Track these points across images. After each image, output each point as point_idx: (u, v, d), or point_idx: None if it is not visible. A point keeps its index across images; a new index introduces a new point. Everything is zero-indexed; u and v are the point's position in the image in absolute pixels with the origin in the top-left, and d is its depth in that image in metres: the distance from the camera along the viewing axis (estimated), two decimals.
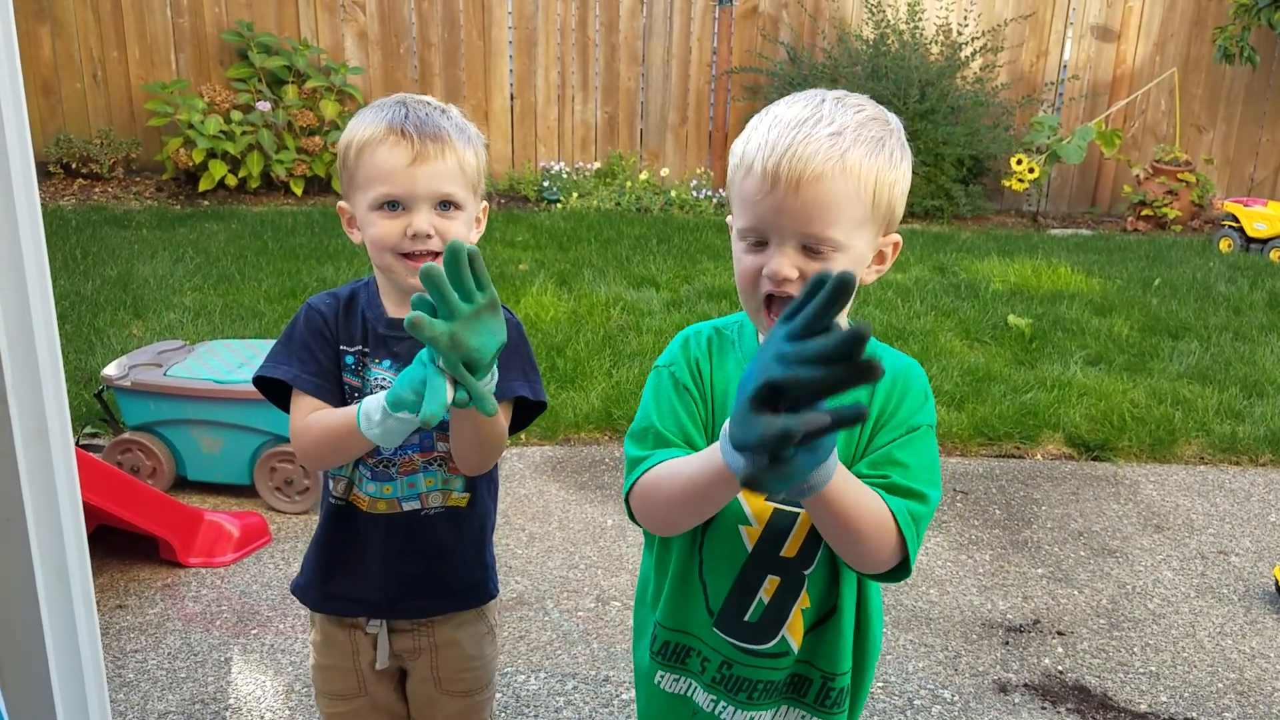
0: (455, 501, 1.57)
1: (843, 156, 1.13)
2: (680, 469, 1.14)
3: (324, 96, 7.02)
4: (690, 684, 1.37)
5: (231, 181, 6.85)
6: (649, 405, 1.27)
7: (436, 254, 1.44)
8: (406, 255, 1.45)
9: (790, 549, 1.27)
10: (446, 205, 1.46)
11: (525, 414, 1.53)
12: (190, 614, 2.77)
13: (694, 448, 1.20)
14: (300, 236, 6.08)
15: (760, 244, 1.18)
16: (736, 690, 1.33)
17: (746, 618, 1.29)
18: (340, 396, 1.51)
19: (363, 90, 7.33)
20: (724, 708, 1.34)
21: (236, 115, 6.76)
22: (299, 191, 7.01)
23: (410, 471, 1.53)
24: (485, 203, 1.57)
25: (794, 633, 1.28)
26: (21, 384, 0.87)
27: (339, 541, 1.60)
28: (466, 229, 1.49)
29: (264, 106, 6.83)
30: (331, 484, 1.59)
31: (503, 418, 1.47)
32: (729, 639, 1.31)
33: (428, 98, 1.53)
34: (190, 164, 6.74)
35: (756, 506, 1.26)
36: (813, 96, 1.20)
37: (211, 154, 6.73)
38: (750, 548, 1.27)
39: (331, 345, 1.53)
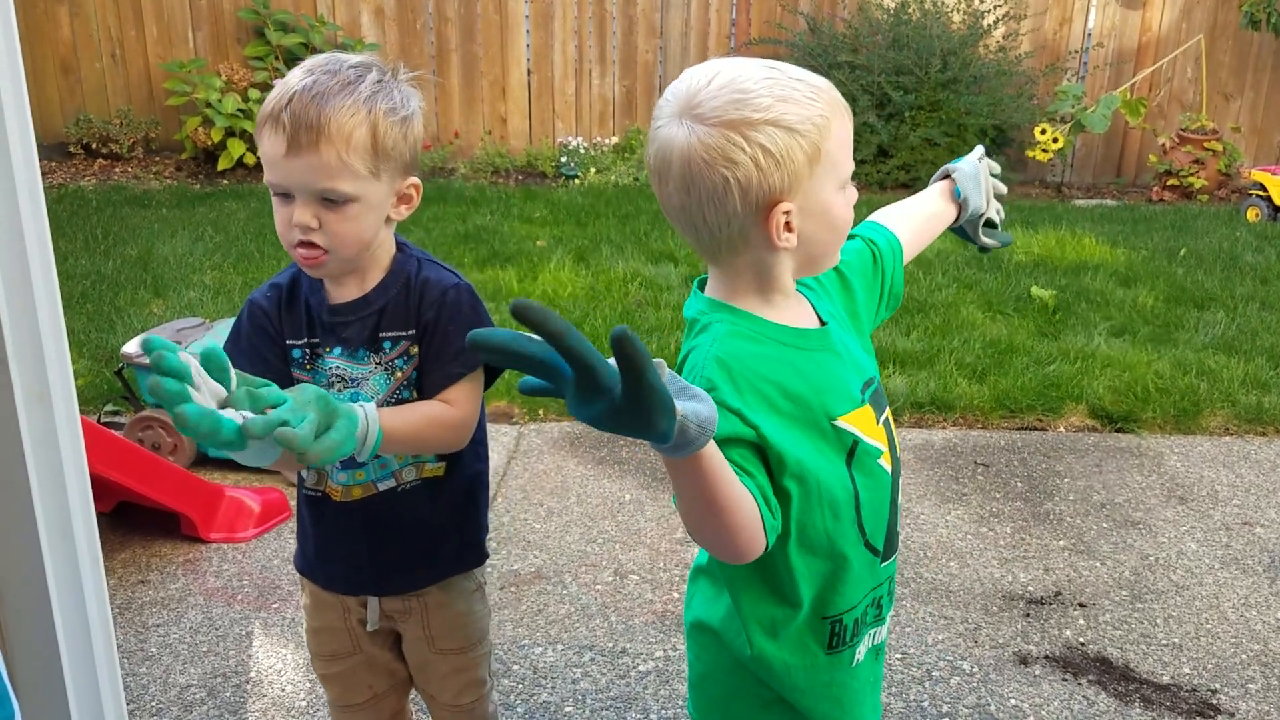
0: (430, 472, 1.55)
1: None
2: (676, 491, 1.10)
3: None
4: (871, 632, 1.34)
5: (250, 160, 6.86)
6: None
7: (322, 250, 1.38)
8: (299, 245, 1.39)
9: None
10: (328, 200, 1.37)
11: (490, 375, 1.52)
12: (211, 589, 2.79)
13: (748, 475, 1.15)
14: None
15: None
16: (880, 607, 1.33)
17: (896, 530, 1.33)
18: None
19: None
20: (873, 632, 1.34)
21: (254, 94, 6.77)
22: None
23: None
24: (414, 178, 1.46)
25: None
26: (22, 348, 0.86)
27: (320, 528, 1.59)
28: (368, 217, 1.40)
29: None
30: (304, 474, 1.57)
31: (467, 399, 1.45)
32: (887, 561, 1.32)
33: (355, 58, 1.42)
34: (209, 143, 6.75)
35: (875, 434, 1.26)
36: None
37: (230, 133, 6.74)
38: (890, 471, 1.28)
39: (278, 343, 1.49)
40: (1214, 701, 2.36)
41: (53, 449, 0.91)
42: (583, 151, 7.37)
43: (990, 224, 1.64)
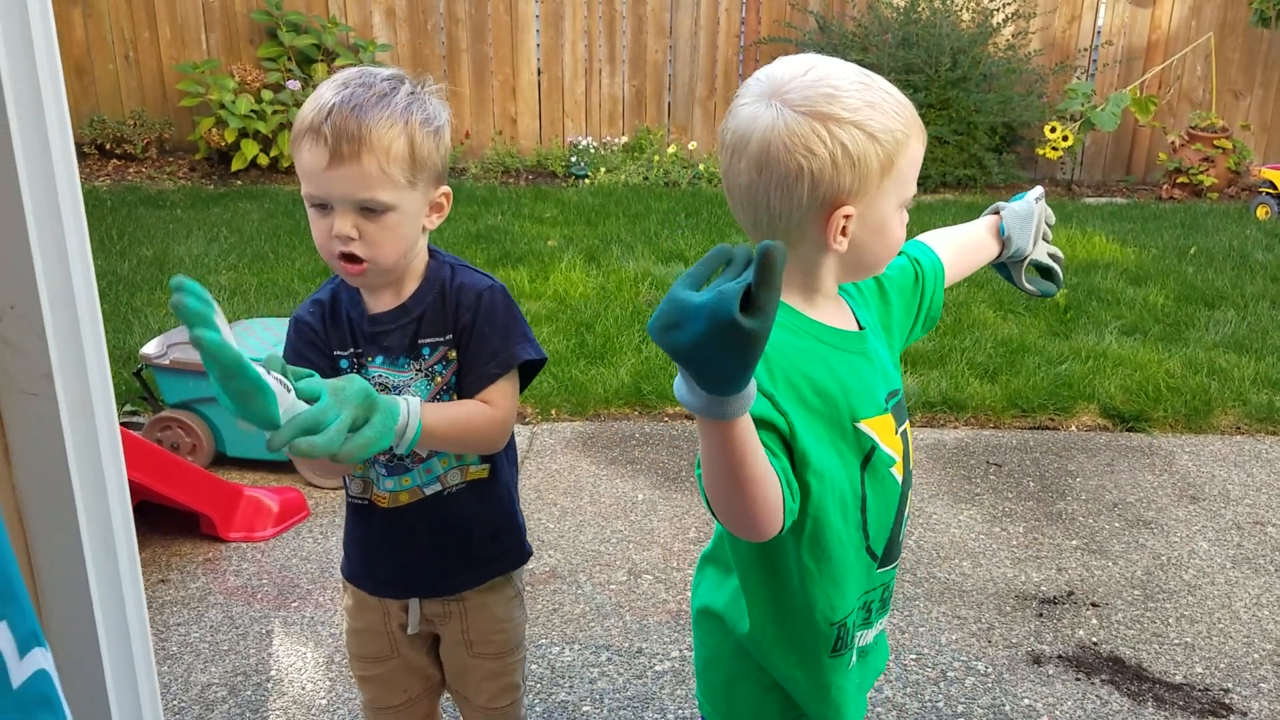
0: (475, 475, 1.58)
1: None
2: (703, 459, 1.10)
3: None
4: (861, 634, 1.36)
5: (264, 161, 6.90)
6: None
7: (360, 260, 1.41)
8: (340, 257, 1.42)
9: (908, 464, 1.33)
10: (368, 210, 1.40)
11: (527, 371, 1.55)
12: (231, 588, 2.82)
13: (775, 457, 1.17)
14: None
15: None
16: (870, 611, 1.35)
17: (899, 540, 1.35)
18: None
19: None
20: (860, 635, 1.35)
21: (267, 94, 6.80)
22: None
23: (425, 458, 1.54)
24: (445, 187, 1.50)
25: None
26: (66, 361, 0.89)
27: (368, 536, 1.62)
28: (406, 226, 1.43)
29: (294, 85, 6.86)
30: (349, 482, 1.60)
31: (505, 398, 1.48)
32: (884, 568, 1.33)
33: (386, 72, 1.45)
34: (223, 144, 6.79)
35: (894, 444, 1.28)
36: None
37: (243, 133, 6.77)
38: (900, 481, 1.30)
39: (326, 354, 1.52)
40: (1226, 701, 2.38)
41: (94, 459, 0.94)
42: (592, 151, 7.39)
43: (1042, 269, 1.63)
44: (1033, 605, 2.75)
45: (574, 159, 7.36)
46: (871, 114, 1.13)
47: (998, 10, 7.27)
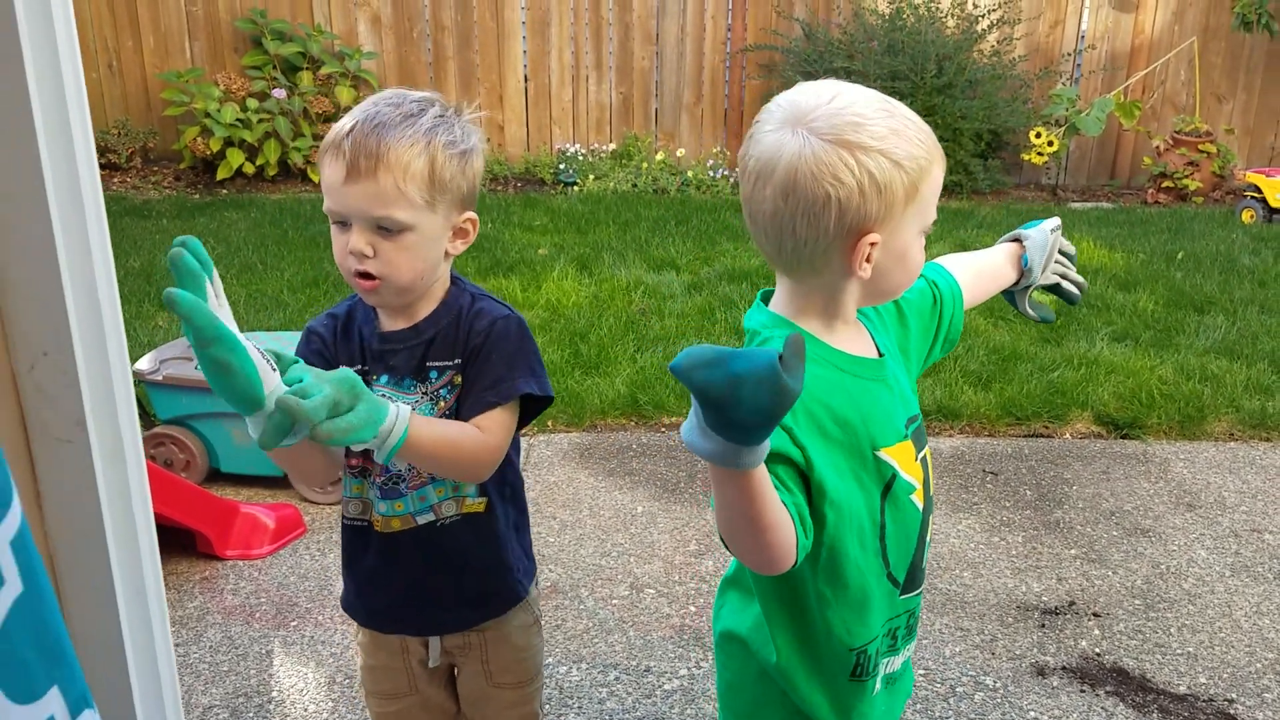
0: (471, 508, 1.54)
1: None
2: (717, 504, 1.11)
3: (339, 82, 7.01)
4: (887, 661, 1.36)
5: (249, 169, 6.85)
6: None
7: (376, 279, 1.40)
8: (356, 273, 1.42)
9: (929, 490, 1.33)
10: (384, 228, 1.39)
11: (530, 409, 1.51)
12: (229, 607, 2.80)
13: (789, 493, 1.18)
14: (320, 224, 6.09)
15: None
16: (895, 638, 1.35)
17: (921, 566, 1.35)
18: None
19: (377, 75, 7.31)
20: (886, 662, 1.35)
21: (252, 103, 6.76)
22: (316, 179, 7.01)
23: (419, 485, 1.51)
24: (470, 213, 1.48)
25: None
26: (100, 407, 0.87)
27: (362, 561, 1.59)
28: (424, 248, 1.42)
29: (280, 94, 6.82)
30: (344, 505, 1.58)
31: (498, 428, 1.44)
32: (907, 595, 1.33)
33: (420, 95, 1.45)
34: (208, 153, 6.74)
35: (914, 471, 1.28)
36: None
37: (229, 142, 6.73)
38: (920, 508, 1.30)
39: (330, 367, 1.48)
40: (1231, 711, 2.39)
41: (126, 505, 0.92)
42: (581, 158, 7.38)
43: (1049, 288, 1.64)
44: (1034, 616, 2.75)
45: (562, 166, 7.35)
46: (896, 141, 1.13)
47: (982, 17, 7.30)
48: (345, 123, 1.41)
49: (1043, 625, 2.71)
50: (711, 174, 7.31)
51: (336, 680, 2.50)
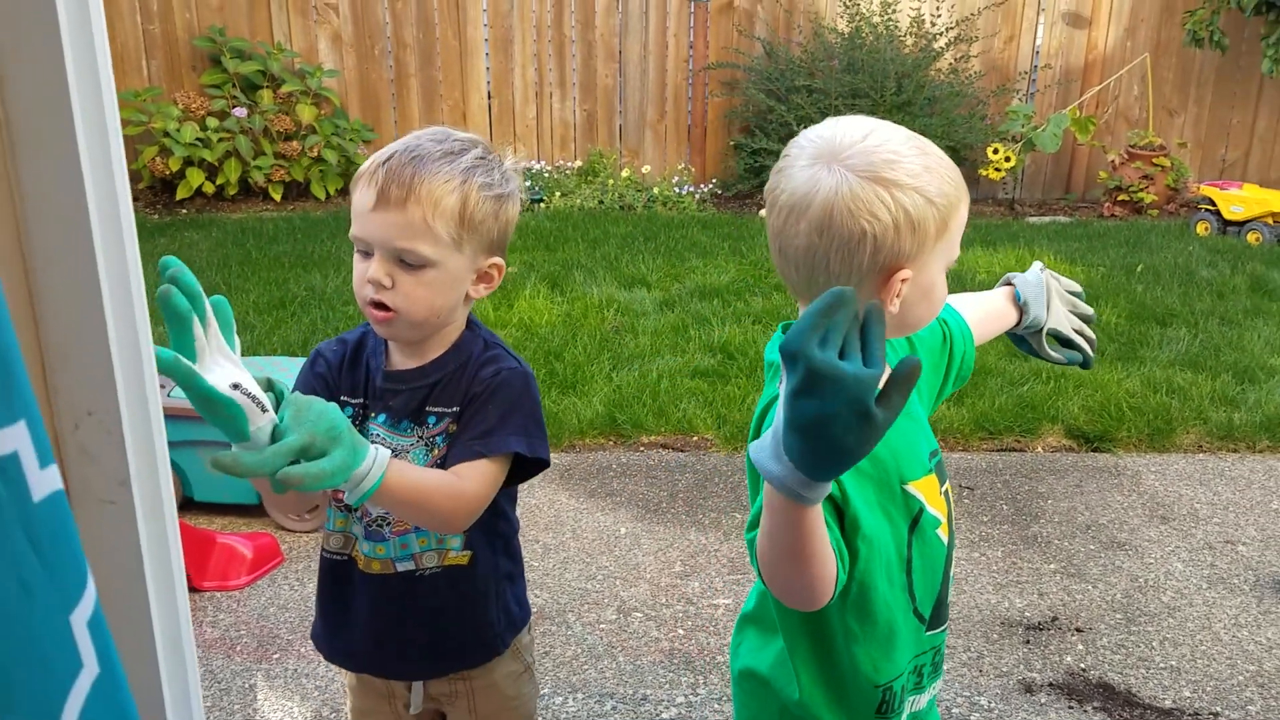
0: (454, 560, 1.50)
1: None
2: (765, 531, 1.09)
3: (300, 100, 6.95)
4: (912, 699, 1.36)
5: (209, 189, 6.77)
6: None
7: (391, 311, 1.38)
8: (371, 303, 1.39)
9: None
10: (406, 261, 1.36)
11: (523, 469, 1.46)
12: (209, 640, 2.74)
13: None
14: (283, 244, 6.02)
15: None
16: (921, 675, 1.35)
17: (946, 602, 1.35)
18: None
19: (339, 93, 7.26)
20: (912, 700, 1.35)
21: (212, 122, 6.68)
22: (278, 197, 6.94)
23: (403, 531, 1.48)
24: (498, 259, 1.44)
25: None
26: (143, 466, 0.86)
27: (335, 597, 1.56)
28: (444, 286, 1.38)
29: (240, 112, 6.75)
30: (325, 538, 1.54)
31: (480, 480, 1.38)
32: (932, 631, 1.33)
33: (467, 135, 1.44)
34: (167, 172, 6.65)
35: (939, 505, 1.29)
36: None
37: (188, 162, 6.64)
38: (945, 542, 1.31)
39: (332, 393, 1.48)
40: None
41: (166, 564, 0.91)
42: (546, 175, 7.37)
43: (1062, 340, 1.64)
44: (1019, 632, 2.78)
45: (528, 183, 7.34)
46: (929, 179, 1.14)
47: (939, 35, 7.40)
48: (385, 151, 1.40)
49: (1027, 641, 2.74)
50: (677, 190, 7.33)
51: (322, 714, 2.46)
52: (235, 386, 1.07)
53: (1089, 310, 1.67)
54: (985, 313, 1.57)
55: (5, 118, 0.73)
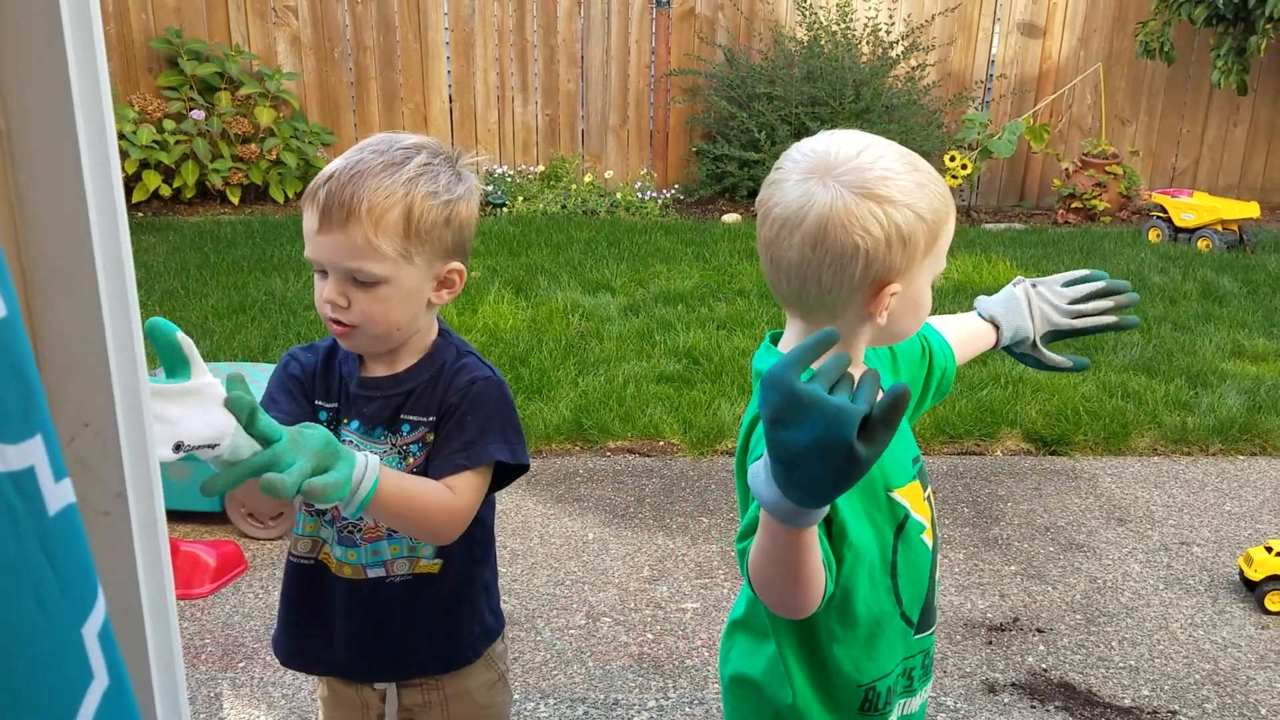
0: (425, 569, 1.50)
1: None
2: (760, 548, 1.11)
3: (259, 103, 6.89)
4: (902, 702, 1.38)
5: (166, 192, 6.69)
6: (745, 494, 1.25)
7: (350, 326, 1.39)
8: (331, 320, 1.40)
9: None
10: (358, 280, 1.36)
11: (504, 475, 1.47)
12: None
13: None
14: (242, 248, 5.96)
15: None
16: (912, 679, 1.37)
17: (933, 606, 1.38)
18: None
19: (298, 96, 7.20)
20: (903, 703, 1.38)
21: (169, 124, 6.60)
22: (236, 200, 6.87)
23: (375, 538, 1.48)
24: (456, 263, 1.43)
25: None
26: (138, 479, 0.86)
27: (303, 602, 1.56)
28: (400, 299, 1.39)
29: (197, 115, 6.67)
30: (292, 543, 1.54)
31: (467, 491, 1.40)
32: (920, 634, 1.35)
33: (412, 140, 1.42)
34: (123, 175, 6.55)
35: (923, 510, 1.31)
36: None
37: (145, 164, 6.55)
38: (930, 546, 1.33)
39: (306, 396, 1.48)
40: None
41: (159, 574, 0.91)
42: (509, 180, 7.36)
43: (1070, 333, 1.64)
44: (981, 633, 2.83)
45: (490, 187, 7.32)
46: (921, 195, 1.17)
47: (895, 44, 7.49)
48: (327, 169, 1.39)
49: (990, 642, 2.78)
50: (640, 195, 7.35)
51: None
52: (177, 447, 1.08)
53: (1096, 285, 1.61)
54: (963, 334, 1.58)
55: (6, 128, 0.73)
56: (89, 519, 0.81)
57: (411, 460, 1.45)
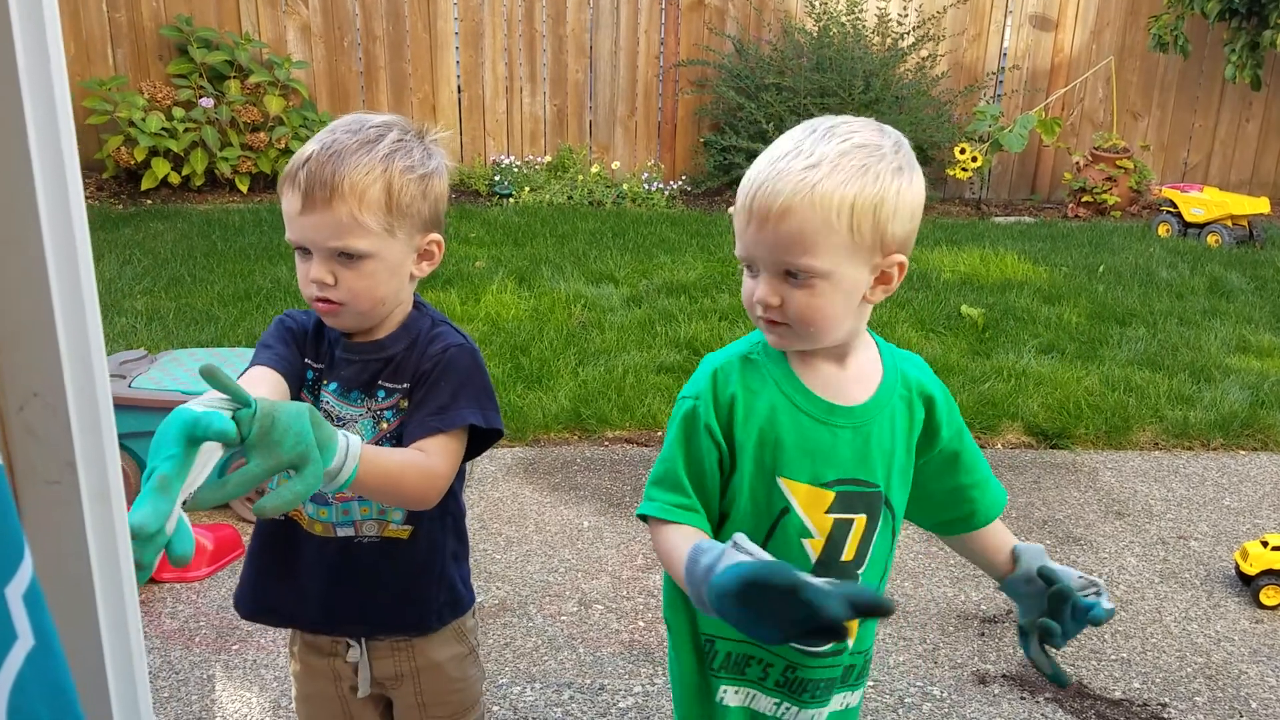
0: (394, 533, 1.52)
1: (813, 189, 1.20)
2: (673, 554, 1.25)
3: (268, 92, 6.90)
4: (751, 693, 1.39)
5: (175, 179, 6.71)
6: (673, 445, 1.33)
7: (338, 304, 1.41)
8: (317, 300, 1.42)
9: (848, 553, 1.33)
10: (344, 256, 1.40)
11: (479, 442, 1.49)
12: (168, 631, 2.73)
13: (707, 499, 1.32)
14: (249, 236, 5.98)
15: (752, 270, 1.28)
16: (800, 692, 1.38)
17: None
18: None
19: (307, 85, 7.22)
20: (787, 709, 1.39)
21: (179, 112, 6.62)
22: (244, 189, 6.89)
23: (345, 498, 1.49)
24: (435, 235, 1.48)
25: (850, 628, 1.34)
26: (88, 453, 0.86)
27: (273, 555, 1.58)
28: (386, 274, 1.42)
29: (207, 103, 6.69)
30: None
31: (442, 455, 1.41)
32: (795, 645, 1.35)
33: (380, 119, 1.46)
34: (132, 162, 6.58)
35: (818, 520, 1.31)
36: (806, 128, 1.26)
37: (154, 152, 6.58)
38: (814, 558, 1.32)
39: (300, 349, 1.51)
40: (1165, 715, 2.47)
41: (112, 545, 0.91)
42: (516, 170, 7.36)
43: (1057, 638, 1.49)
44: (974, 624, 2.82)
45: (497, 178, 7.33)
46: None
47: (906, 35, 7.46)
48: (303, 151, 1.41)
49: (982, 634, 2.78)
50: (646, 187, 7.34)
51: (281, 705, 2.46)
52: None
53: (1089, 602, 1.46)
54: (985, 534, 1.55)
55: None
56: (38, 489, 0.82)
57: (385, 425, 1.48)
